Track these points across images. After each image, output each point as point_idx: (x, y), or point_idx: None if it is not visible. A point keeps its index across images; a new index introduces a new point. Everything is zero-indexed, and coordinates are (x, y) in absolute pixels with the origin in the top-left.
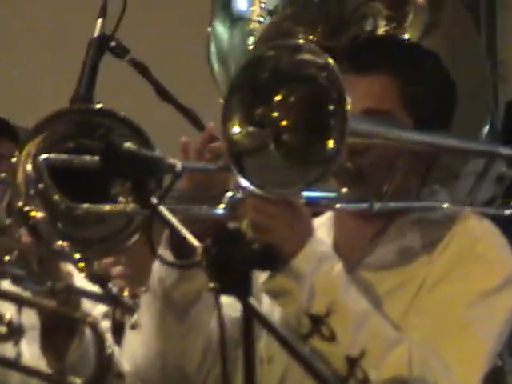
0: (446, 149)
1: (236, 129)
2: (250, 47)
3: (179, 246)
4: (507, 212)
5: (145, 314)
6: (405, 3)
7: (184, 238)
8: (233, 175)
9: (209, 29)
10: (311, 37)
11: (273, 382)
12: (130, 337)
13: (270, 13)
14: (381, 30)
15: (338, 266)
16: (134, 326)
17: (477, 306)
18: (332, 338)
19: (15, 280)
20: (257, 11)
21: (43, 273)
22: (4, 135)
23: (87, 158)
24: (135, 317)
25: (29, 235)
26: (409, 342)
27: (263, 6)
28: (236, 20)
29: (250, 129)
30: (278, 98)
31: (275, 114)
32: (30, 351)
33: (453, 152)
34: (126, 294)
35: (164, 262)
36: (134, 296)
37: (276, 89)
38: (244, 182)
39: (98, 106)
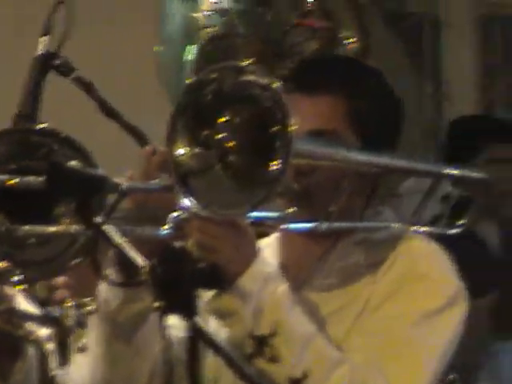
0: (392, 169)
1: (181, 150)
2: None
3: (125, 266)
4: (452, 231)
5: (92, 337)
6: (334, 43)
7: (129, 258)
8: (178, 195)
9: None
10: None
11: None
12: (77, 359)
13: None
14: None
15: (283, 287)
16: (82, 349)
17: (420, 326)
18: (276, 358)
19: None
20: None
21: None
22: None
23: (31, 178)
24: (84, 339)
25: None
26: (351, 363)
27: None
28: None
29: (196, 150)
30: (222, 119)
31: (220, 136)
32: None
33: (399, 172)
34: (69, 304)
35: (109, 282)
36: (78, 306)
37: (220, 110)
38: (189, 203)
39: (40, 125)
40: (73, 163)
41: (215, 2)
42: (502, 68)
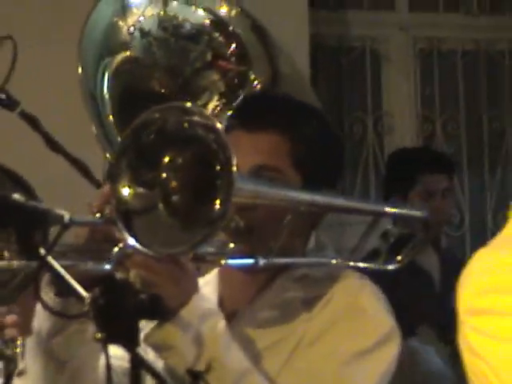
0: (333, 208)
1: (125, 189)
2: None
3: (63, 296)
4: (391, 267)
5: (29, 360)
6: (240, 86)
7: (73, 288)
8: (120, 231)
9: None
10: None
11: None
12: None
13: (142, 32)
14: (212, 105)
15: (221, 324)
16: (20, 373)
17: (351, 365)
18: None
19: None
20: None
21: None
22: None
23: None
24: (22, 364)
25: None
26: None
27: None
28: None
29: (139, 190)
30: (165, 159)
31: (164, 176)
32: None
33: (339, 211)
34: (18, 342)
35: (52, 311)
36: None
37: (163, 151)
38: (131, 240)
39: None
40: (15, 196)
41: (139, 20)
42: (440, 100)
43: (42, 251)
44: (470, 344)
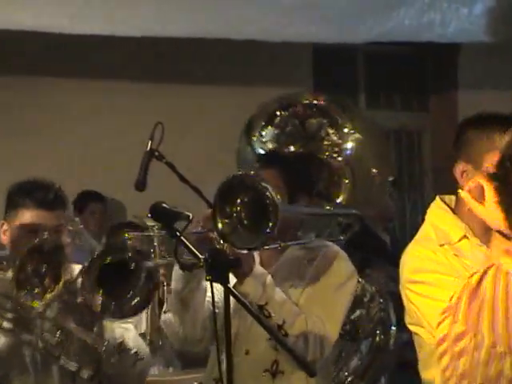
0: (310, 214)
1: (219, 223)
2: None
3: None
4: (341, 238)
5: (170, 305)
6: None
7: (194, 253)
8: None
9: None
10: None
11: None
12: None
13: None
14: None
15: (269, 277)
16: (165, 312)
17: (337, 291)
18: (269, 316)
19: None
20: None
21: None
22: None
23: None
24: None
25: None
26: (304, 314)
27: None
28: None
29: (225, 219)
30: (238, 200)
31: (237, 209)
32: None
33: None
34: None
35: (184, 267)
36: None
37: (236, 195)
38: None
39: None
40: (165, 204)
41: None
42: None
43: (178, 233)
44: (408, 297)
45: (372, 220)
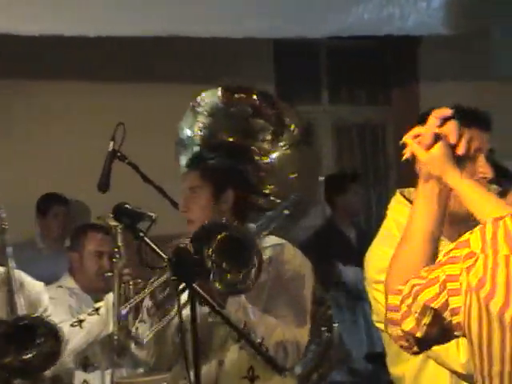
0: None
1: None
2: None
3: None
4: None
5: None
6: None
7: (158, 253)
8: None
9: None
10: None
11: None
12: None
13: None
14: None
15: (243, 296)
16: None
17: (298, 288)
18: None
19: None
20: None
21: None
22: None
23: None
24: None
25: None
26: (278, 324)
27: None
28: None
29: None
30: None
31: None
32: None
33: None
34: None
35: (146, 265)
36: None
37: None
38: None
39: None
40: (128, 205)
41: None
42: None
43: (141, 234)
44: (374, 296)
45: (337, 216)
